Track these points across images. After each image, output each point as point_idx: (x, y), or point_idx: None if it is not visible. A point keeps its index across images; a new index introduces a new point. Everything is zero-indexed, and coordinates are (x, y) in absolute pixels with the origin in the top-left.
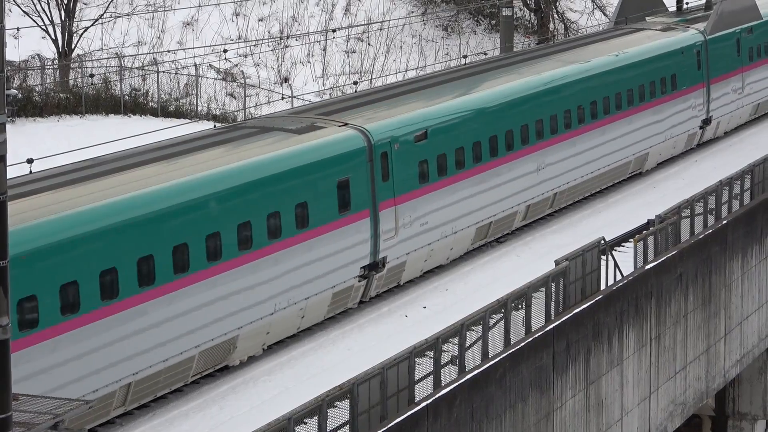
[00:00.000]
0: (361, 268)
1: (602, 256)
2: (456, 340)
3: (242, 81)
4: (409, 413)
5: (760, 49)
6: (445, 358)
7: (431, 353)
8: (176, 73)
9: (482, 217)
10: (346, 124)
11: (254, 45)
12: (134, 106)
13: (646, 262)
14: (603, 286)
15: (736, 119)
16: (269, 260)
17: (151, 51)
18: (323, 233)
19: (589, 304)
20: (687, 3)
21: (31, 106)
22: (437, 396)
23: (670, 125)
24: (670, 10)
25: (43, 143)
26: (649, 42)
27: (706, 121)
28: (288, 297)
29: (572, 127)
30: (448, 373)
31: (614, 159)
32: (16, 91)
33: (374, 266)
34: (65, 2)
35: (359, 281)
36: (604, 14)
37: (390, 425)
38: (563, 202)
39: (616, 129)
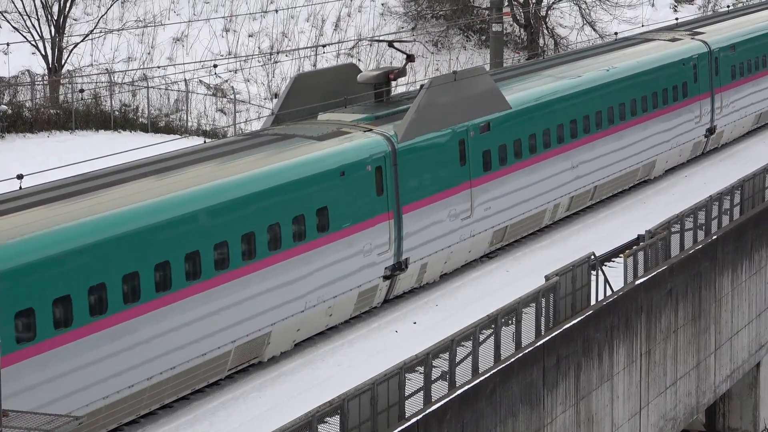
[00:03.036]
0: None
1: (592, 272)
2: (446, 355)
3: (232, 96)
4: (400, 429)
5: (506, 152)
6: (435, 373)
7: (421, 368)
8: (166, 89)
9: None
10: None
11: (244, 60)
12: (124, 121)
13: (636, 277)
14: (593, 302)
15: (463, 254)
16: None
17: (141, 66)
18: None
19: (579, 319)
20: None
21: (21, 122)
22: (428, 411)
23: (313, 287)
24: (372, 100)
25: (33, 159)
26: (285, 160)
27: (397, 267)
28: None
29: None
30: (439, 389)
31: (192, 356)
32: (6, 107)
33: None
34: (55, 18)
35: None
36: (594, 30)
37: None
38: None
39: (189, 309)
